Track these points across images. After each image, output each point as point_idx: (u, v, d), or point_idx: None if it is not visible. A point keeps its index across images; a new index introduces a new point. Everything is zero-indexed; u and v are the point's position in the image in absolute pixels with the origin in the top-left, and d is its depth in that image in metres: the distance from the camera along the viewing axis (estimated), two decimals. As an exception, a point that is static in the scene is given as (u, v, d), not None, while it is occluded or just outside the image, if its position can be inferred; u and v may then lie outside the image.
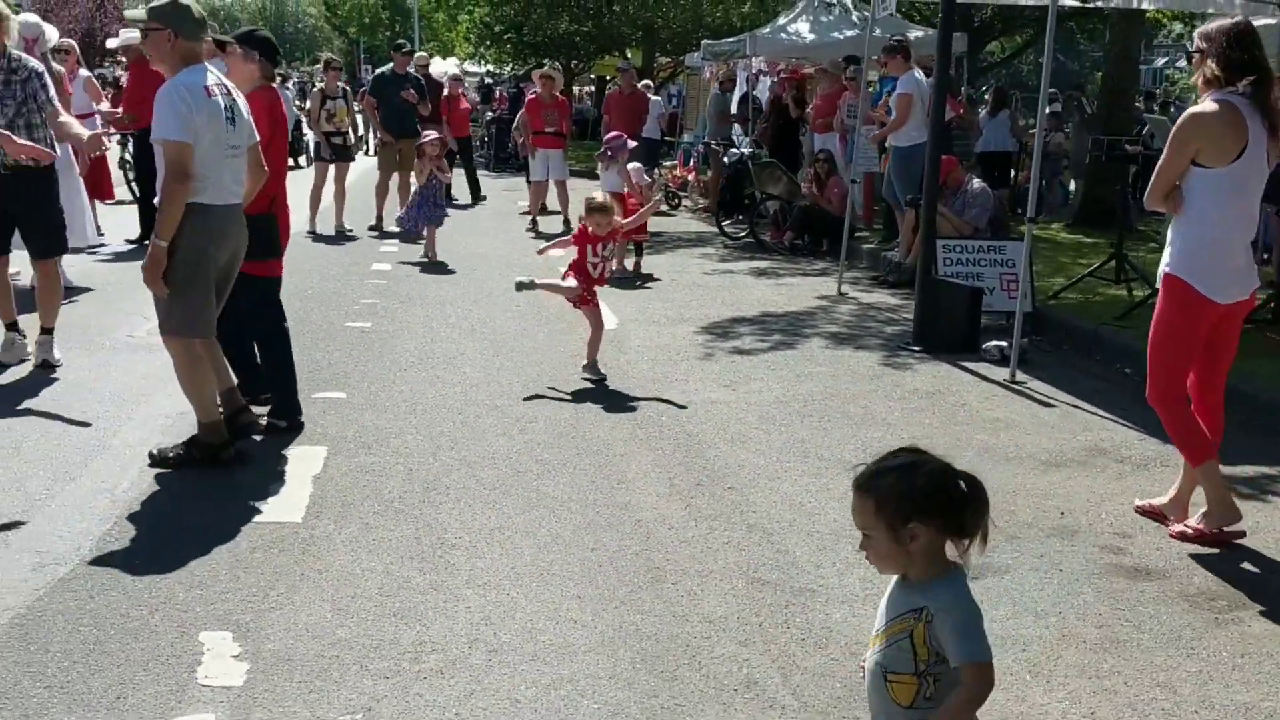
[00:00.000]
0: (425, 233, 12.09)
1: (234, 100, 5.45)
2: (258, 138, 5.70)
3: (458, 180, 17.49)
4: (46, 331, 7.27)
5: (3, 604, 4.03)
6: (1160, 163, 4.85)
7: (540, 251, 8.26)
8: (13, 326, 7.35)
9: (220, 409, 5.63)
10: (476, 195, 18.16)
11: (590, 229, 7.36)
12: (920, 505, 2.42)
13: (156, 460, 5.49)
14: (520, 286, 7.49)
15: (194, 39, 5.37)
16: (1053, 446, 6.18)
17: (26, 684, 3.53)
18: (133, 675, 3.59)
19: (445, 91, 17.13)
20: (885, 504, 2.42)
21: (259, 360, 6.34)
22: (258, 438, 5.92)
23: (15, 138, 6.52)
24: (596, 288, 7.50)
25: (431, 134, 12.78)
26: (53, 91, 7.08)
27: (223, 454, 5.52)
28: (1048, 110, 9.02)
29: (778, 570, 4.53)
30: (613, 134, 11.34)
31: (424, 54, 19.77)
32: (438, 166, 12.16)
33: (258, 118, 5.86)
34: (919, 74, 11.45)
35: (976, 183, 10.67)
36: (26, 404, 6.51)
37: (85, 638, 3.81)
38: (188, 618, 3.98)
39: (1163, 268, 4.93)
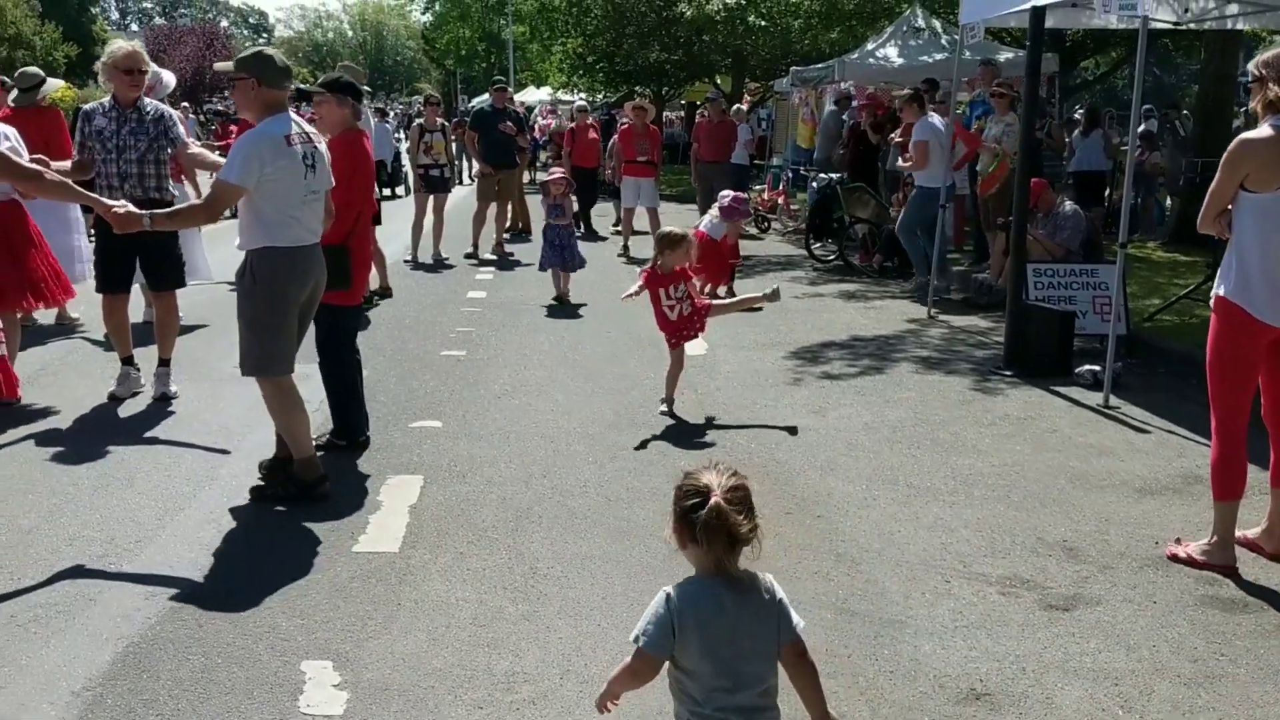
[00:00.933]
0: (555, 274, 11.55)
1: (314, 148, 5.66)
2: (333, 183, 5.91)
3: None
4: (164, 363, 7.59)
5: (117, 632, 4.23)
6: (1211, 187, 4.86)
7: (624, 298, 7.77)
8: (128, 361, 7.64)
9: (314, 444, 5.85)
10: (585, 228, 18.05)
11: (659, 264, 7.27)
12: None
13: (256, 497, 5.70)
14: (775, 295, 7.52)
15: (277, 87, 5.59)
16: (1147, 474, 6.10)
17: (140, 710, 3.69)
18: (239, 704, 3.74)
19: (572, 123, 17.29)
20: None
21: (333, 388, 6.56)
22: (320, 451, 6.08)
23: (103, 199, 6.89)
24: (699, 330, 7.43)
25: (558, 172, 12.36)
26: (181, 130, 7.52)
27: (317, 489, 5.69)
28: (1142, 128, 8.90)
29: (866, 601, 4.55)
30: (741, 197, 11.18)
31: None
32: (561, 202, 11.51)
33: (337, 159, 6.11)
34: (935, 119, 11.55)
35: (1068, 205, 10.55)
36: (141, 435, 6.78)
37: (194, 666, 3.98)
38: (290, 646, 4.13)
39: (1215, 291, 4.94)
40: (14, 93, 10.02)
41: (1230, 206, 4.82)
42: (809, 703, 2.74)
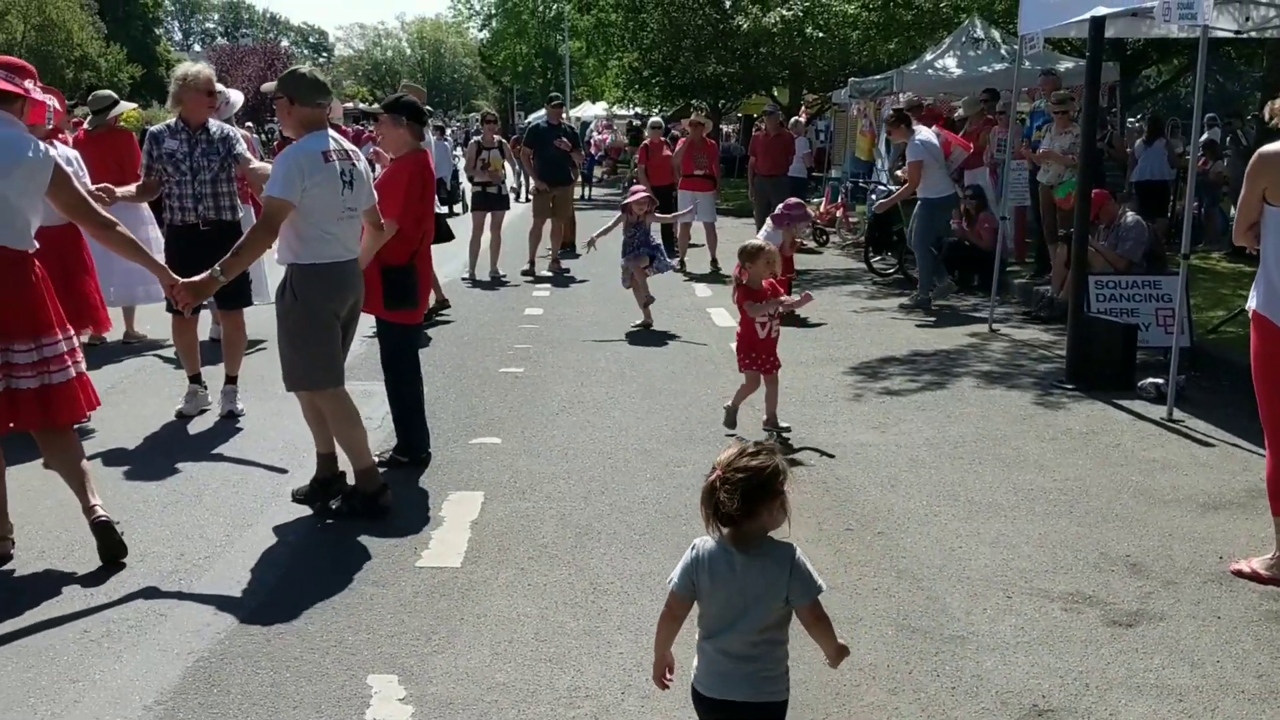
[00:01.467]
0: (633, 277, 11.12)
1: (353, 165, 5.73)
2: (375, 199, 5.98)
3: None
4: (231, 381, 7.73)
5: (188, 647, 4.32)
6: (1239, 200, 4.90)
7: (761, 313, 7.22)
8: (196, 379, 7.79)
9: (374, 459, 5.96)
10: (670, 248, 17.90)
11: (746, 280, 7.07)
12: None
13: (298, 498, 5.91)
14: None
15: (310, 105, 5.67)
16: (1211, 488, 6.03)
17: (211, 723, 3.78)
18: (307, 717, 3.81)
19: (646, 140, 17.15)
20: None
21: (397, 405, 6.65)
22: (381, 468, 6.16)
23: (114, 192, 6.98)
24: (773, 353, 7.18)
25: (640, 191, 11.90)
26: (243, 146, 7.66)
27: (380, 499, 5.78)
28: (1205, 137, 8.81)
29: (928, 617, 4.54)
30: (794, 201, 11.17)
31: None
32: (645, 222, 11.20)
33: (412, 179, 6.19)
34: (923, 134, 11.56)
35: (1130, 216, 10.44)
36: (209, 452, 6.91)
37: (263, 680, 4.06)
38: (356, 661, 4.20)
39: (1248, 305, 4.96)
40: (87, 115, 10.25)
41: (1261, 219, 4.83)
42: (822, 646, 3.02)
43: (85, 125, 10.31)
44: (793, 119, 21.71)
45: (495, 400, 8.13)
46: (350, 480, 5.93)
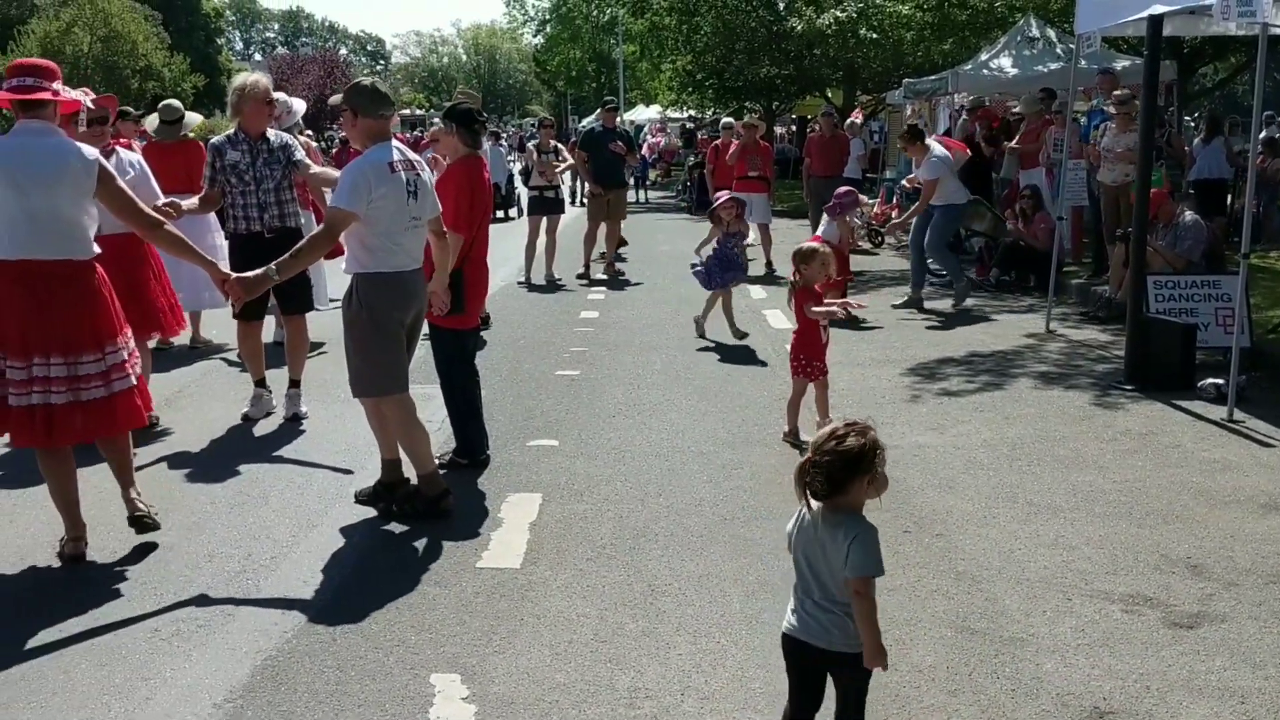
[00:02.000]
0: (712, 293, 10.75)
1: (417, 175, 5.81)
2: (440, 209, 6.04)
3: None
4: (294, 384, 7.86)
5: (255, 646, 4.42)
6: None
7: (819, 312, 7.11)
8: (261, 383, 7.93)
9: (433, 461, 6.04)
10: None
11: (800, 281, 7.01)
12: None
13: (361, 499, 6.02)
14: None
15: (373, 116, 5.75)
16: (1273, 488, 5.97)
17: (279, 720, 3.87)
18: (371, 715, 3.88)
19: (718, 140, 17.11)
20: None
21: (454, 408, 6.74)
22: (441, 469, 6.22)
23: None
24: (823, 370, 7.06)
25: (724, 195, 11.37)
26: (301, 153, 7.78)
27: (441, 503, 5.87)
28: (1264, 135, 8.70)
29: (986, 619, 4.54)
30: (845, 189, 11.11)
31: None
32: (738, 228, 10.90)
33: (460, 186, 6.32)
34: (937, 149, 11.57)
35: (1189, 215, 10.32)
36: (274, 454, 7.04)
37: (328, 679, 4.14)
38: (419, 660, 4.27)
39: None
40: (155, 125, 10.40)
41: None
42: (861, 633, 3.20)
43: (152, 134, 10.49)
44: (848, 120, 21.66)
45: (552, 403, 8.20)
46: (413, 483, 6.01)
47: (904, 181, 12.34)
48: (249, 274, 5.52)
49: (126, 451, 5.49)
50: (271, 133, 7.67)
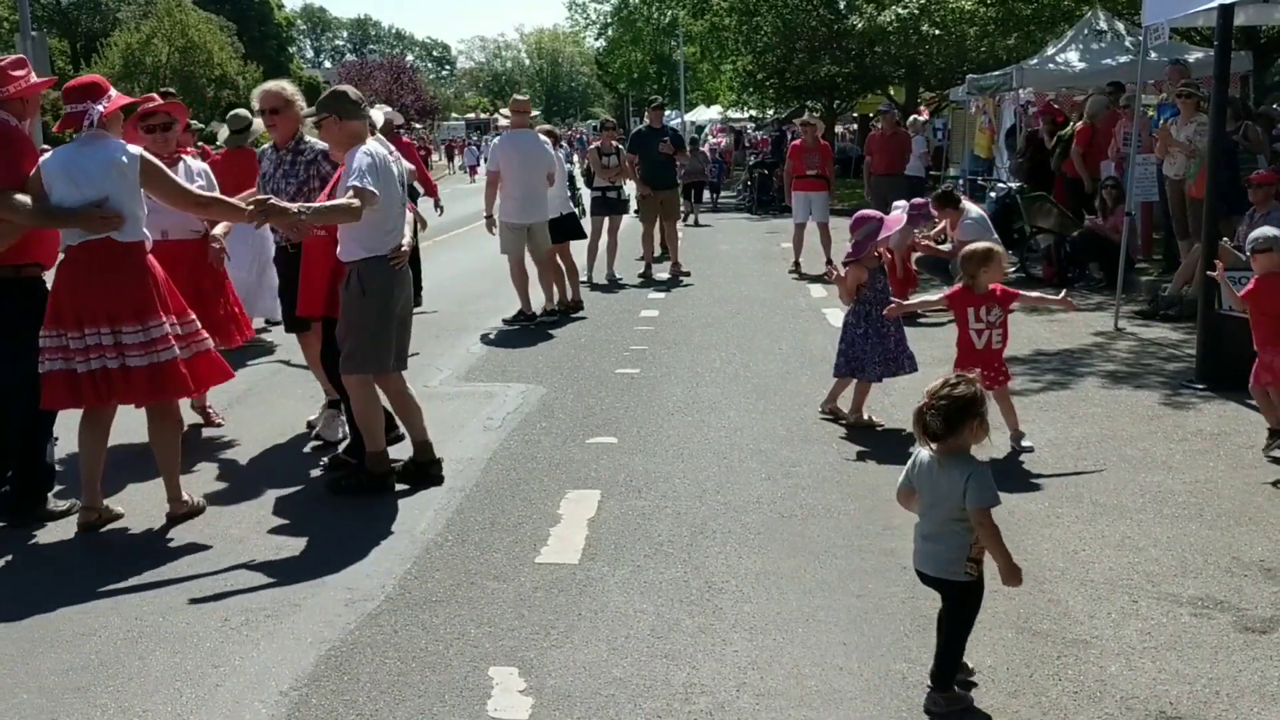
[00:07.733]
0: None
1: (400, 162, 6.33)
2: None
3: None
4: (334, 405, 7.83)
5: (320, 636, 4.47)
6: None
7: (891, 311, 7.07)
8: (334, 404, 7.37)
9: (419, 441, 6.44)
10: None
11: (972, 283, 6.62)
12: None
13: (333, 487, 6.35)
14: None
15: (356, 118, 6.09)
16: (1351, 491, 5.82)
17: (341, 710, 3.91)
18: (431, 706, 3.91)
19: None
20: None
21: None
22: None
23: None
24: (996, 365, 6.68)
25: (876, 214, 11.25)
26: (328, 167, 7.44)
27: (385, 482, 6.24)
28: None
29: (1049, 620, 4.47)
30: (921, 200, 10.94)
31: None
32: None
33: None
34: (973, 212, 11.17)
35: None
36: (340, 452, 7.08)
37: (390, 670, 4.18)
38: (478, 653, 4.30)
39: None
40: (224, 134, 10.53)
41: None
42: (994, 558, 3.77)
43: (221, 143, 10.64)
44: (911, 117, 21.47)
45: (611, 400, 8.21)
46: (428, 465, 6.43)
47: (924, 241, 11.72)
48: (279, 203, 5.81)
49: (170, 445, 5.85)
50: (310, 144, 7.02)
